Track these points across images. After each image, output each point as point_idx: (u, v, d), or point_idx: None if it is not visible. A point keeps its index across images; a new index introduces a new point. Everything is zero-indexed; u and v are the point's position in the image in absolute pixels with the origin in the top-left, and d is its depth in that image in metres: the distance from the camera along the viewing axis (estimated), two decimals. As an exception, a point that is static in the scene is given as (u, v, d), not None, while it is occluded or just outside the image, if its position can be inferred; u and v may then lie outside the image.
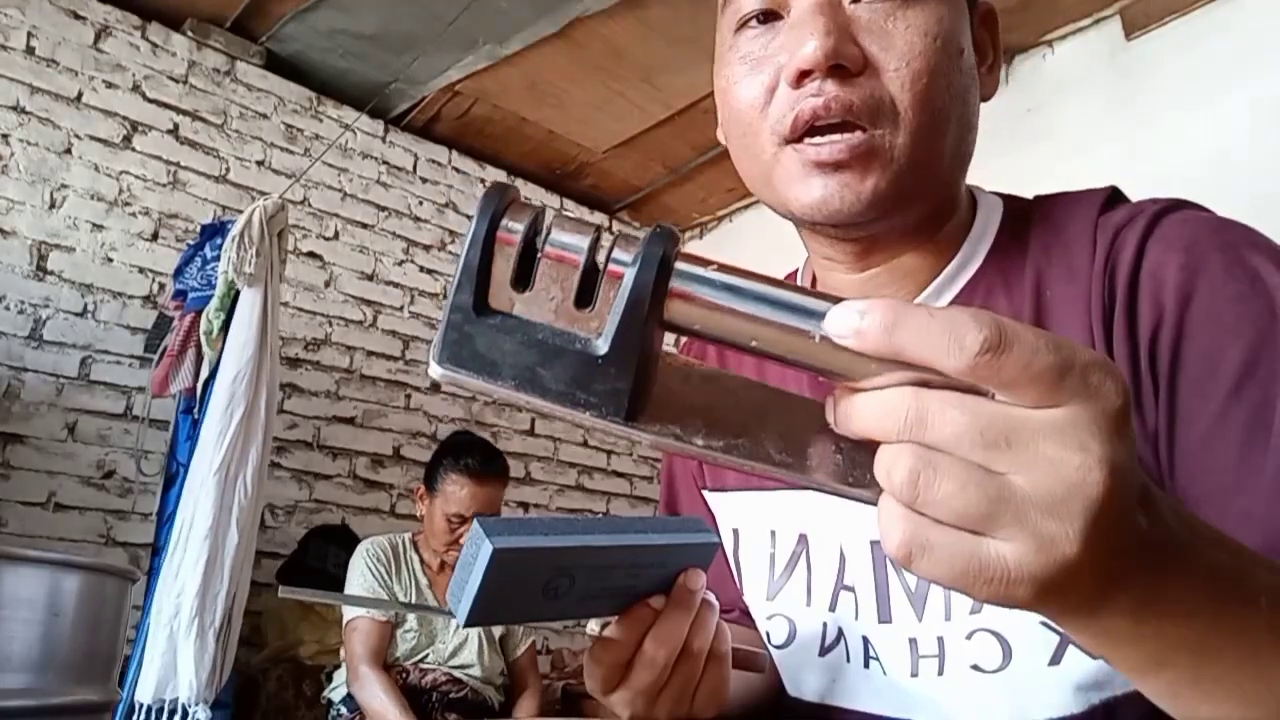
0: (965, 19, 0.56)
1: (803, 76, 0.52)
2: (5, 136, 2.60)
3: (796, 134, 0.53)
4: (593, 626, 0.52)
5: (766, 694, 0.68)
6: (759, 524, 0.67)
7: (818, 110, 0.51)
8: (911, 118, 0.52)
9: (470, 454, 2.20)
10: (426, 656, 2.17)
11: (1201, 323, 0.48)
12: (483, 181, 3.72)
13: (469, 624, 0.44)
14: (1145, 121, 2.77)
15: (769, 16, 0.55)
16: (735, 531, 0.69)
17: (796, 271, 0.72)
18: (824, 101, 0.51)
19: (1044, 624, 0.50)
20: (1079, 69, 3.01)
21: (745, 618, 0.71)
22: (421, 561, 2.25)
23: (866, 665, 0.60)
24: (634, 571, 0.49)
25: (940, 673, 0.55)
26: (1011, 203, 0.62)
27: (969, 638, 0.54)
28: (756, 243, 3.96)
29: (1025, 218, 0.60)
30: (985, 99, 0.60)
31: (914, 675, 0.56)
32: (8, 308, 2.53)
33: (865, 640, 0.59)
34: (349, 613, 2.14)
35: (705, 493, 0.73)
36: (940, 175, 0.56)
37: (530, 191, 3.88)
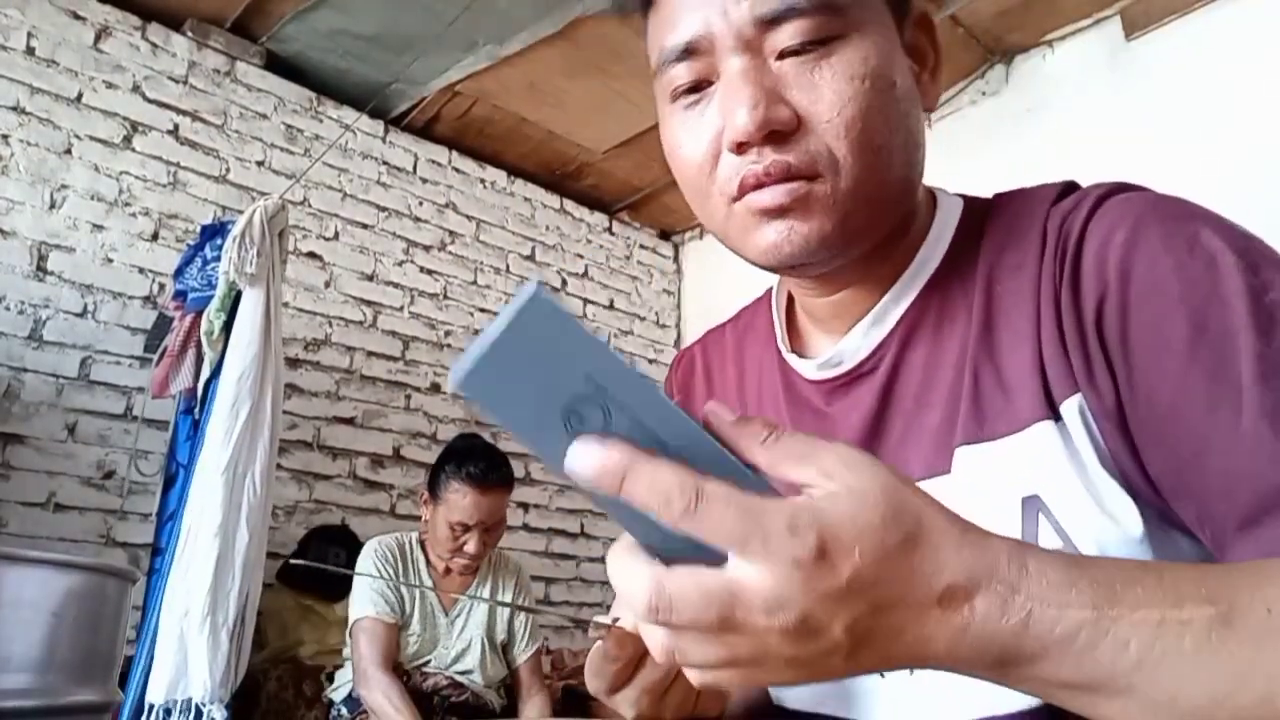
0: (894, 42, 0.57)
1: (741, 146, 0.54)
2: (5, 137, 2.60)
3: (743, 194, 0.55)
4: (600, 619, 0.52)
5: (765, 698, 0.68)
6: None
7: (759, 176, 0.54)
8: (851, 163, 0.54)
9: (474, 461, 2.16)
10: (429, 661, 2.17)
11: (1144, 295, 0.50)
12: (483, 182, 3.72)
13: (463, 386, 0.34)
14: (1145, 121, 2.77)
15: (699, 85, 0.56)
16: None
17: (771, 290, 0.73)
18: (763, 168, 0.53)
19: None
20: (1079, 69, 3.01)
21: None
22: (428, 562, 2.24)
23: None
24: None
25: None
26: (971, 203, 0.64)
27: None
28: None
29: (982, 216, 0.61)
30: (930, 109, 0.61)
31: (911, 673, 0.56)
32: (8, 308, 2.54)
33: None
34: (356, 613, 2.13)
35: None
36: (890, 205, 0.58)
37: (530, 192, 3.88)
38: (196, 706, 1.87)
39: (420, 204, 3.50)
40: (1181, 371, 0.47)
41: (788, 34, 0.53)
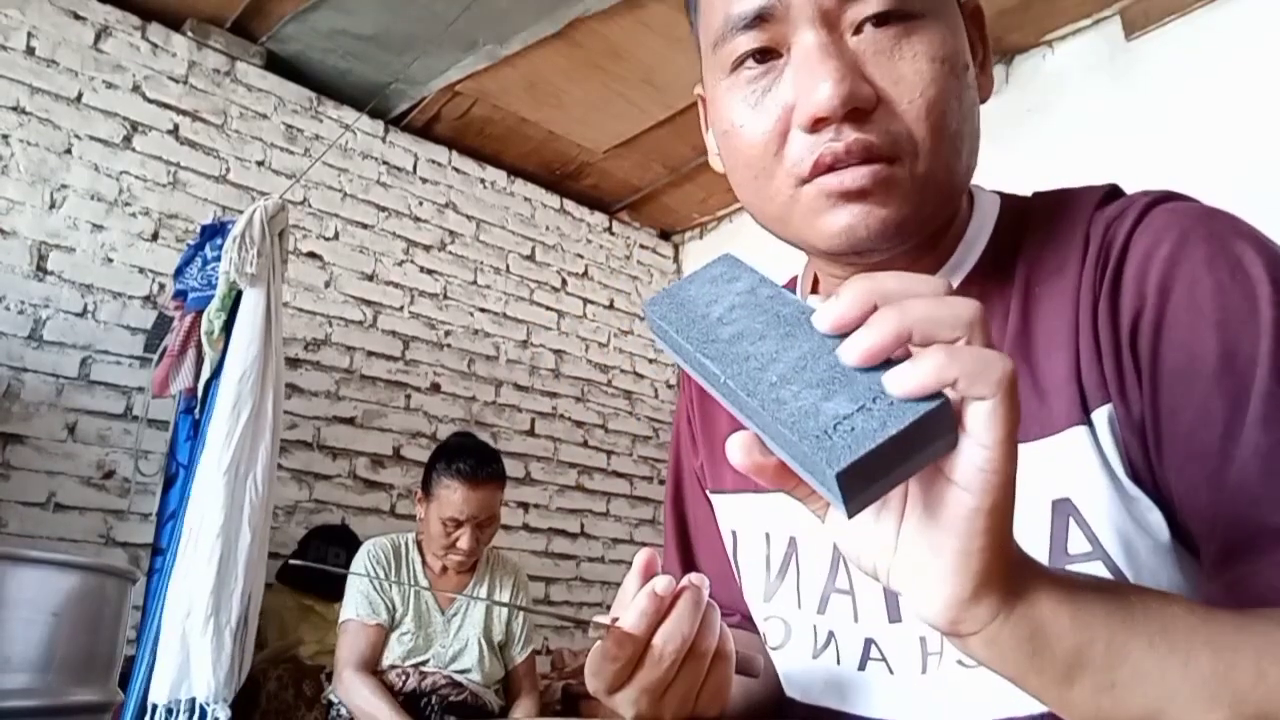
0: (962, 30, 0.56)
1: (819, 123, 0.51)
2: (5, 136, 2.60)
3: (815, 175, 0.53)
4: (600, 619, 0.52)
5: (766, 698, 0.68)
6: (754, 526, 0.68)
7: (839, 154, 0.51)
8: (930, 148, 0.52)
9: (464, 458, 2.17)
10: (427, 660, 2.17)
11: (1181, 314, 0.49)
12: (483, 182, 3.72)
13: (649, 306, 0.42)
14: (1145, 122, 2.77)
15: (767, 55, 0.54)
16: (734, 533, 0.70)
17: (796, 278, 0.72)
18: (844, 146, 0.51)
19: None
20: (1079, 69, 3.01)
21: (746, 621, 0.71)
22: (423, 563, 2.25)
23: (862, 668, 0.60)
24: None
25: (945, 666, 0.56)
26: (1009, 201, 0.63)
27: None
28: (756, 243, 3.95)
29: (1021, 215, 0.61)
30: (982, 101, 0.60)
31: (923, 673, 0.57)
32: (8, 308, 2.54)
33: (868, 642, 0.59)
34: (342, 614, 2.14)
35: (708, 494, 0.74)
36: (954, 193, 0.57)
37: (530, 192, 3.88)
38: (200, 706, 1.88)
39: (420, 204, 3.50)
40: (1205, 397, 0.47)
41: (869, 8, 0.51)
